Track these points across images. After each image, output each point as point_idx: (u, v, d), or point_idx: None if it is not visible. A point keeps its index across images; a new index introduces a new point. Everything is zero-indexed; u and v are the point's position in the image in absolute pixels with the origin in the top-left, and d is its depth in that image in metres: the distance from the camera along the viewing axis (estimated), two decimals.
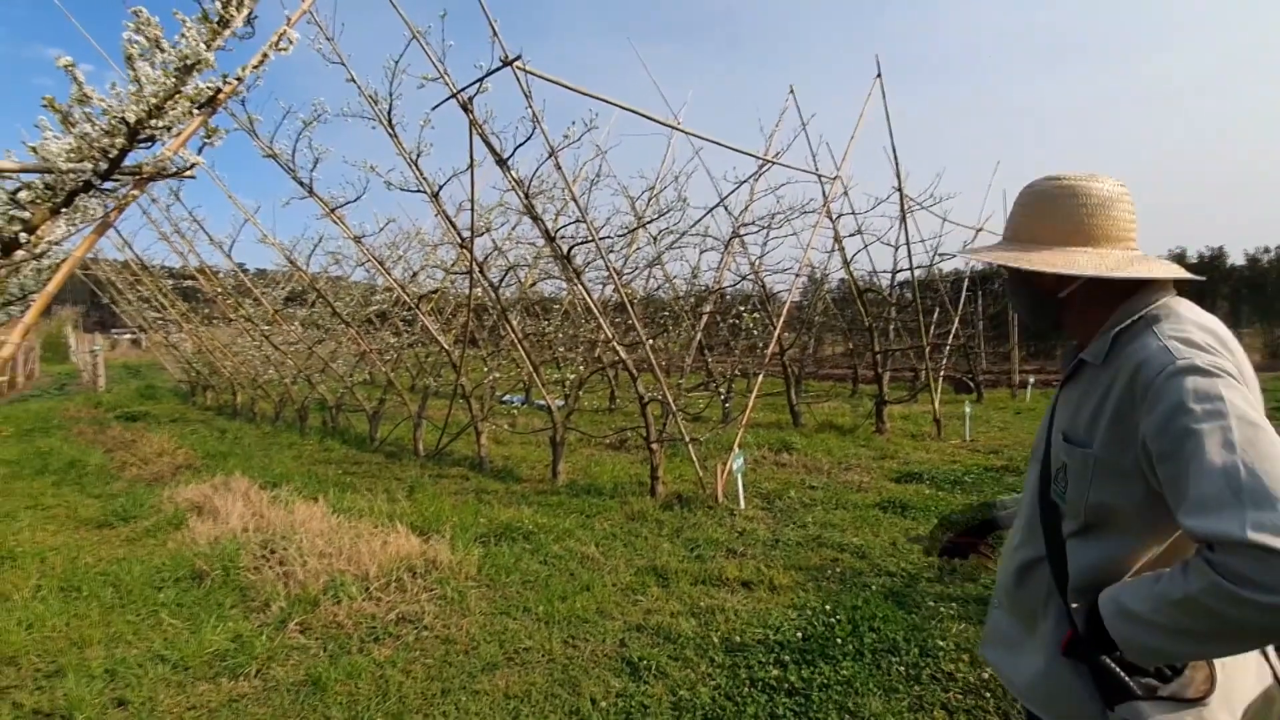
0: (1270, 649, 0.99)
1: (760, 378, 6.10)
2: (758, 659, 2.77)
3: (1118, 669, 0.91)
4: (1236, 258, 19.79)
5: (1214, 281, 19.41)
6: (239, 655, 2.88)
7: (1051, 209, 1.06)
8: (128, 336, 31.03)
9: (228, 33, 2.24)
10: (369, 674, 2.73)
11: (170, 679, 2.76)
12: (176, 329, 11.67)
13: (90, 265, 11.74)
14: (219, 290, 9.51)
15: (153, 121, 2.15)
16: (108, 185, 2.34)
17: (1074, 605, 1.00)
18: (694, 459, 5.38)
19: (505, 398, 10.62)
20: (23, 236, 2.08)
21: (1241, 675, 0.95)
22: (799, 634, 2.93)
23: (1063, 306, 1.09)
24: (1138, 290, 1.03)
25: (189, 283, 10.18)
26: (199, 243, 9.43)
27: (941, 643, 2.84)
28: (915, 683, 2.60)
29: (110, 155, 2.13)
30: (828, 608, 3.16)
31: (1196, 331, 0.93)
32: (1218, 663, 0.93)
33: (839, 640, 2.85)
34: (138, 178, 2.32)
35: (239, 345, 10.79)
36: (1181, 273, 1.02)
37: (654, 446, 5.40)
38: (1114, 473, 0.95)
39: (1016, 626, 1.13)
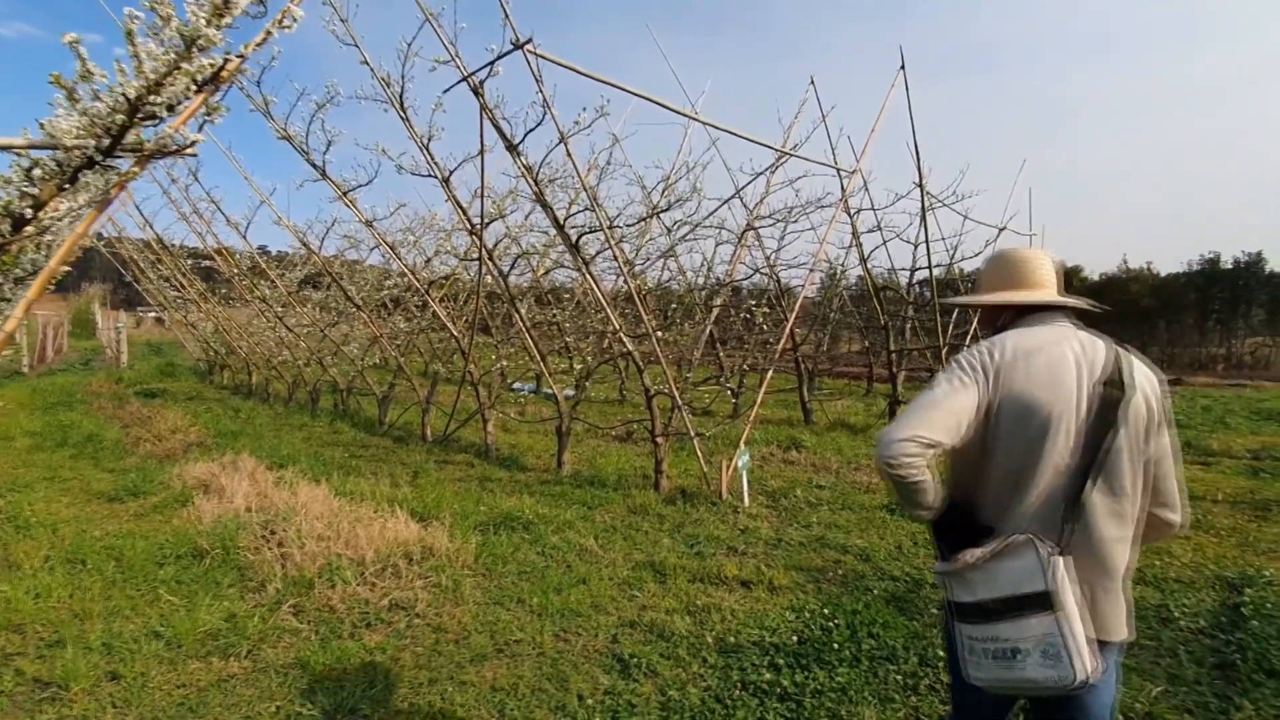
0: (1052, 573, 1.32)
1: (769, 374, 6.00)
2: (751, 661, 2.72)
3: (937, 541, 1.51)
4: (1276, 264, 19.10)
5: (1249, 289, 18.79)
6: (231, 635, 2.89)
7: (1005, 267, 1.63)
8: (153, 314, 31.63)
9: (238, 11, 2.20)
10: (358, 660, 2.72)
11: (163, 656, 2.77)
12: (195, 308, 11.82)
13: (114, 243, 11.93)
14: (235, 271, 9.60)
15: (152, 98, 2.12)
16: (118, 162, 2.33)
17: None
18: (699, 454, 5.32)
19: (515, 386, 10.63)
20: (28, 213, 2.08)
21: (1016, 573, 1.35)
22: (795, 637, 2.87)
23: (1002, 328, 1.58)
24: (1027, 317, 1.55)
25: (207, 263, 10.29)
26: (217, 223, 9.52)
27: (942, 652, 2.75)
28: (913, 693, 2.53)
29: (112, 131, 2.11)
30: (826, 611, 3.09)
31: (987, 342, 1.49)
32: (994, 559, 1.37)
33: (836, 645, 2.78)
34: (140, 155, 2.31)
35: (255, 326, 10.91)
36: (1030, 300, 1.55)
37: (659, 440, 5.34)
38: None
39: None
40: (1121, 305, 19.45)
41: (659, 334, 5.55)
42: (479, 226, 5.69)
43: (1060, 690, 1.32)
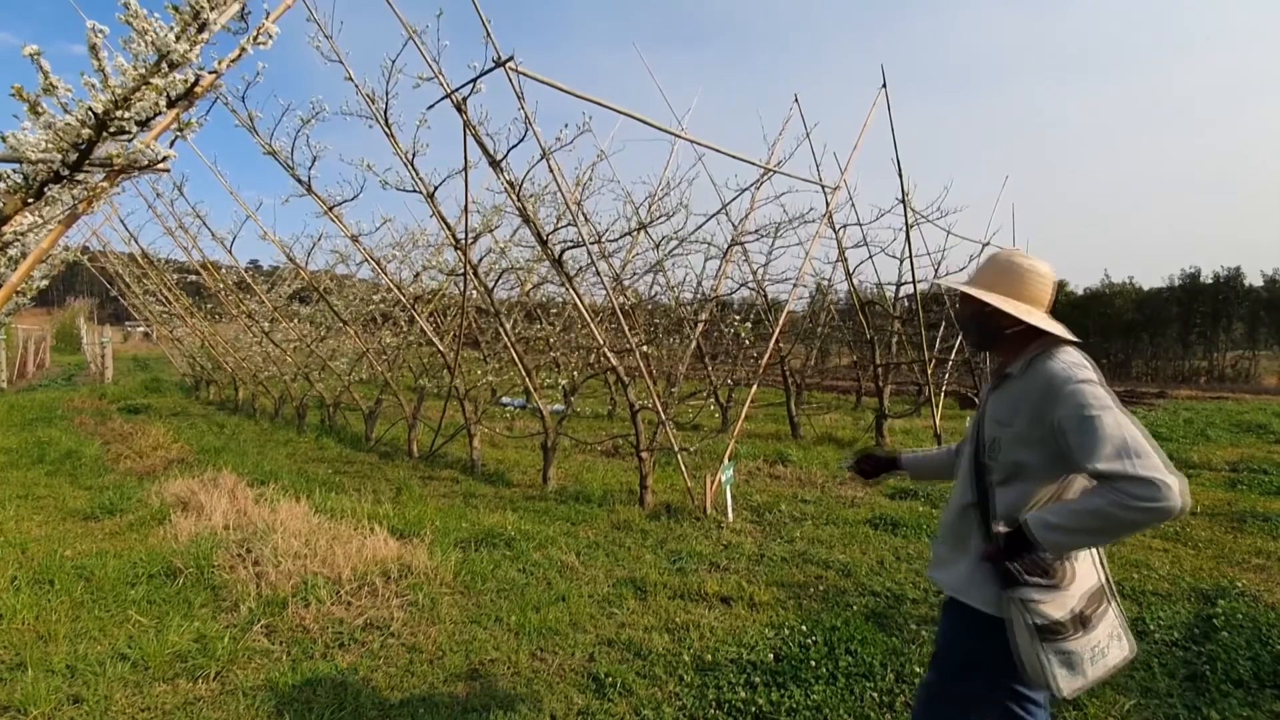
0: (1099, 559, 1.57)
1: (754, 388, 6.01)
2: (728, 679, 2.69)
3: (1017, 570, 1.44)
4: (1254, 278, 19.38)
5: (1229, 303, 19.06)
6: (200, 657, 2.83)
7: (1012, 274, 1.61)
8: (141, 329, 31.37)
9: (217, 27, 2.20)
10: (329, 681, 2.67)
11: (128, 678, 2.71)
12: (181, 323, 11.74)
13: (99, 257, 11.86)
14: (221, 286, 9.55)
15: (120, 113, 2.11)
16: (89, 176, 2.33)
17: (1001, 529, 1.49)
18: (683, 469, 5.30)
19: (504, 400, 10.59)
20: None
21: (1086, 574, 1.51)
22: (772, 654, 2.84)
23: (1005, 339, 1.61)
24: (1043, 335, 1.58)
25: (194, 278, 10.24)
26: (202, 238, 9.48)
27: (919, 669, 2.74)
28: (888, 710, 2.51)
29: (79, 146, 2.10)
30: (804, 627, 3.07)
31: (1081, 360, 1.50)
32: (1073, 566, 1.49)
33: (813, 662, 2.76)
34: (110, 170, 2.30)
35: (241, 341, 10.83)
36: (1072, 338, 1.56)
37: (644, 455, 5.32)
38: (1031, 441, 1.50)
39: (950, 550, 1.67)
40: (1106, 319, 19.68)
41: (643, 348, 5.56)
42: (464, 242, 5.69)
43: (1125, 665, 1.48)
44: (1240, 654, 2.75)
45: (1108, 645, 1.47)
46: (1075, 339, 1.56)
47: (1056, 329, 1.55)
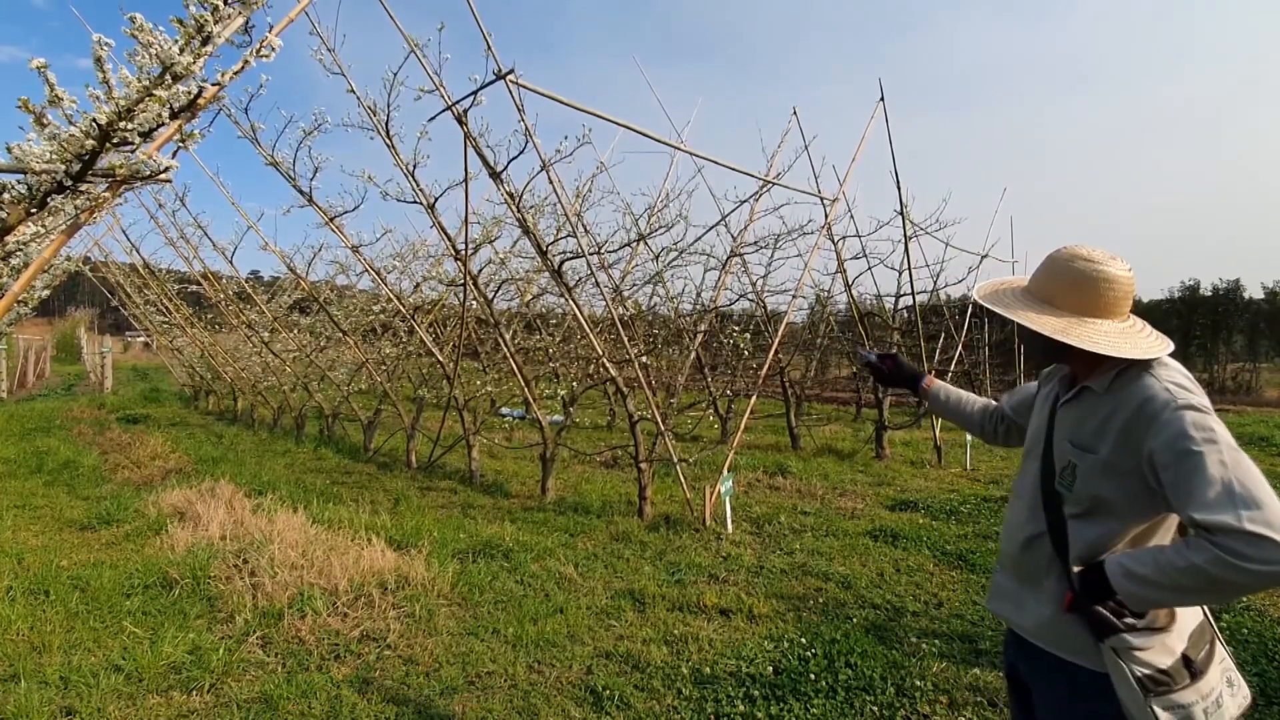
0: None
1: (753, 399, 6.01)
2: (726, 693, 2.66)
3: (1109, 615, 1.22)
4: (1254, 290, 19.41)
5: (1229, 315, 19.09)
6: (195, 669, 2.80)
7: (1079, 285, 1.33)
8: (140, 339, 31.41)
9: (221, 39, 2.22)
10: (324, 693, 2.65)
11: (122, 690, 2.69)
12: (181, 333, 11.75)
13: (101, 267, 11.89)
14: (221, 296, 9.58)
15: (123, 124, 2.13)
16: (92, 186, 2.34)
17: (1076, 570, 1.28)
18: (682, 480, 5.28)
19: (504, 411, 10.58)
20: None
21: (1188, 612, 1.29)
22: (771, 667, 2.82)
23: (1075, 350, 1.31)
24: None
25: (194, 288, 10.27)
26: (204, 249, 9.52)
27: (920, 682, 2.72)
28: None
29: (83, 156, 2.12)
30: (804, 640, 3.05)
31: (1183, 379, 1.24)
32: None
33: (812, 675, 2.73)
34: (112, 180, 2.31)
35: (241, 351, 10.84)
36: (1165, 351, 1.28)
37: (642, 466, 5.31)
38: (1116, 472, 1.24)
39: (1017, 584, 1.43)
40: None
41: (642, 359, 5.56)
42: (465, 253, 5.71)
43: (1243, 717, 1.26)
44: (1247, 670, 2.72)
45: (1222, 694, 1.24)
46: (1161, 353, 1.27)
47: (1125, 350, 1.26)
